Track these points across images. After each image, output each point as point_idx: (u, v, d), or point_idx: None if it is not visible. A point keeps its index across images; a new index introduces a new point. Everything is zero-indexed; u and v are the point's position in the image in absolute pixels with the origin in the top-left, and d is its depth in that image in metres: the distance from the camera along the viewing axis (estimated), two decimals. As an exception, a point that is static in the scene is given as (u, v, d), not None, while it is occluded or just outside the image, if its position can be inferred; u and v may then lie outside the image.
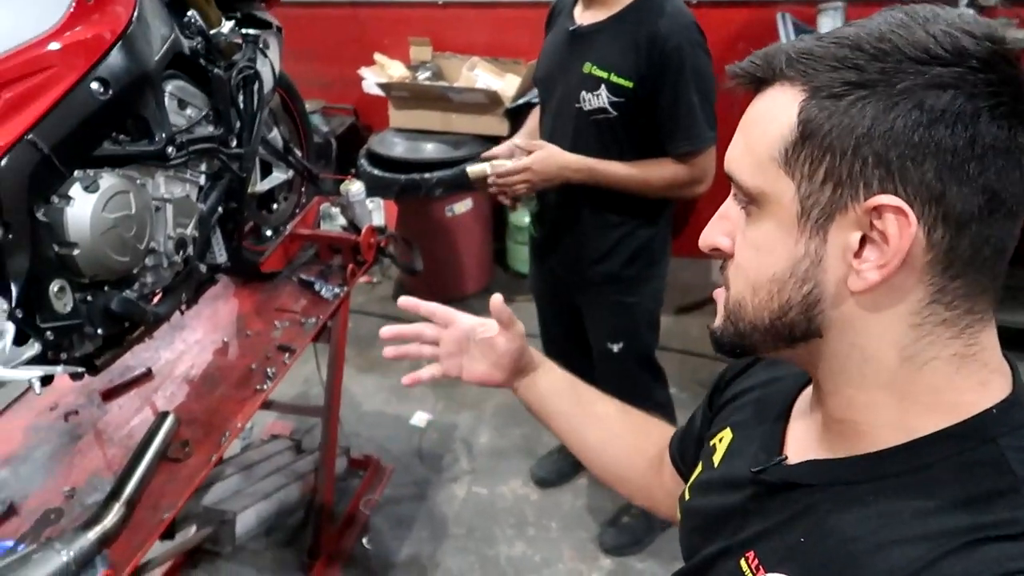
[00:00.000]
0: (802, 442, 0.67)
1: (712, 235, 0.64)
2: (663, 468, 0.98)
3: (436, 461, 2.68)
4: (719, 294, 0.66)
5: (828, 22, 2.56)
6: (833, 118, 0.53)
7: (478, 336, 1.00)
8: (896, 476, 0.57)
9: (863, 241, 0.54)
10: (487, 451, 2.71)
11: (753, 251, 0.60)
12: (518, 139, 2.00)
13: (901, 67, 0.51)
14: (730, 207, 0.63)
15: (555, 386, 1.03)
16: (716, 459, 0.78)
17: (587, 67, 1.77)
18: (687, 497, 0.81)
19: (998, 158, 0.51)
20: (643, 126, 1.78)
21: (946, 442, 0.56)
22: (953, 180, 0.51)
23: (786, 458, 0.67)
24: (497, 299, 0.99)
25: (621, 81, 1.73)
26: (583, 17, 1.81)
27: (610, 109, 1.76)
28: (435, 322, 1.03)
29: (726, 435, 0.79)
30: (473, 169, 1.90)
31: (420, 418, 2.84)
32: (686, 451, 0.94)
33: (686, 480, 0.94)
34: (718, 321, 0.66)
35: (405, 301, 1.03)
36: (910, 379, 0.57)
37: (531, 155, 1.83)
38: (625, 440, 1.02)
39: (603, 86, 1.75)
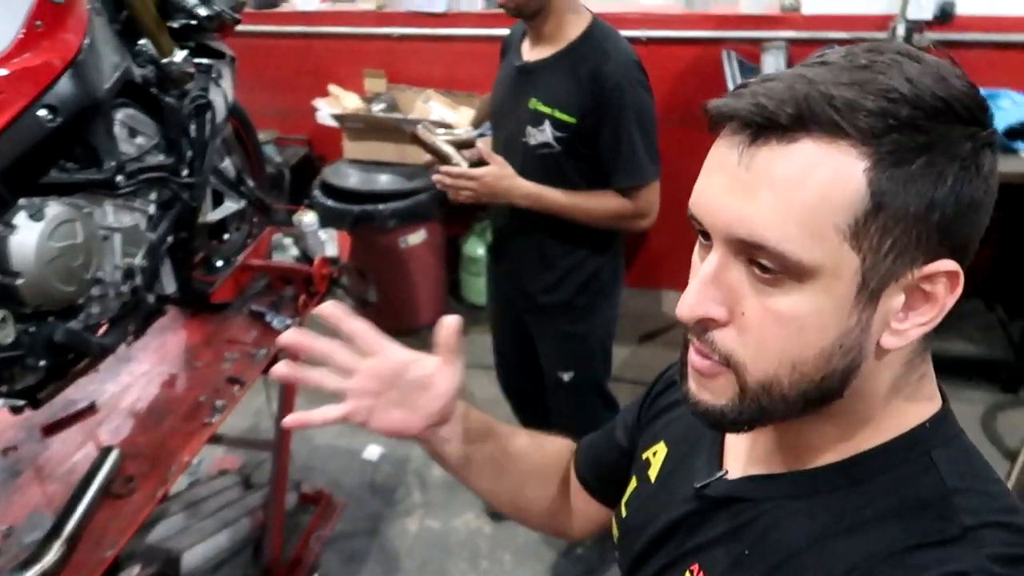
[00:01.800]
0: (741, 456, 0.68)
1: (700, 304, 0.54)
2: (573, 490, 0.95)
3: (389, 495, 2.64)
4: (713, 369, 0.56)
5: (772, 61, 2.67)
6: (907, 187, 0.49)
7: (409, 375, 0.79)
8: (835, 490, 0.59)
9: (904, 301, 0.53)
10: (440, 484, 2.68)
11: (793, 329, 0.52)
12: (480, 139, 2.04)
13: (954, 129, 0.49)
14: (723, 271, 0.54)
15: (476, 430, 0.88)
16: (652, 473, 0.78)
17: (532, 103, 1.81)
18: (624, 513, 0.80)
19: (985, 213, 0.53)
20: (587, 159, 1.81)
21: (883, 456, 0.58)
22: (977, 236, 0.52)
23: (727, 472, 0.68)
24: (452, 321, 0.80)
25: (565, 117, 1.77)
26: (530, 53, 1.85)
27: (554, 144, 1.80)
28: (357, 346, 0.80)
29: (660, 449, 0.79)
30: (423, 132, 1.96)
31: (373, 451, 2.80)
32: (602, 469, 0.91)
33: (598, 497, 0.92)
34: (723, 400, 0.57)
35: (326, 309, 0.78)
36: (882, 406, 0.58)
37: (486, 168, 1.83)
38: (537, 479, 0.95)
39: (547, 121, 1.79)
